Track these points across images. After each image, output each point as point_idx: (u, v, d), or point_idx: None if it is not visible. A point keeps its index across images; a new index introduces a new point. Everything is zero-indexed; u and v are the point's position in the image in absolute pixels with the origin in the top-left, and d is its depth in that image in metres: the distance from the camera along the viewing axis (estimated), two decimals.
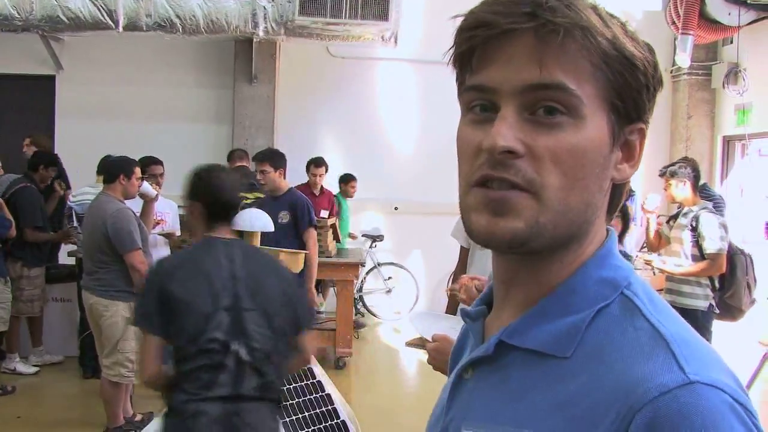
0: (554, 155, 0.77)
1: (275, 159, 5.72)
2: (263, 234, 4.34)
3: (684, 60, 7.83)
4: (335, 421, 2.31)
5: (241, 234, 5.84)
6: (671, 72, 9.28)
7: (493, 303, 0.91)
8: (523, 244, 0.79)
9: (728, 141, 8.96)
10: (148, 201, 5.33)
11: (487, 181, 0.79)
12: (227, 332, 2.59)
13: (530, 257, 0.83)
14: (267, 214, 2.66)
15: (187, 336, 2.57)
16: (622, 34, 0.80)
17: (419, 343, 2.35)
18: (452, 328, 2.46)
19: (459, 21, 0.82)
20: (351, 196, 8.62)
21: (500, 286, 0.89)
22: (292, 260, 2.50)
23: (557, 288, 0.83)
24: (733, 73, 8.49)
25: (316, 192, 7.73)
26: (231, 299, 2.63)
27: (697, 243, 4.98)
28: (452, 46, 0.83)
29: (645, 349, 0.74)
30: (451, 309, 3.89)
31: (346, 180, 8.60)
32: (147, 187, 5.23)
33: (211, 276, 2.63)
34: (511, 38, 0.77)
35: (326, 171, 7.80)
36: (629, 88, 0.80)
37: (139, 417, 5.19)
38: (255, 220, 2.62)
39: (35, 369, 6.50)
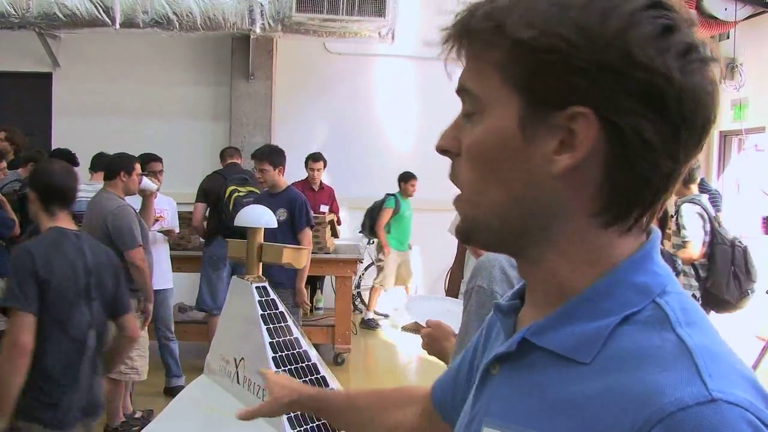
0: (466, 152, 0.82)
1: (274, 157, 5.71)
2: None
3: None
4: None
5: (244, 229, 5.90)
6: None
7: (525, 299, 0.91)
8: (467, 239, 0.85)
9: (725, 136, 8.98)
10: (147, 196, 5.34)
11: None
12: (88, 320, 2.97)
13: (518, 255, 0.86)
14: (270, 211, 2.66)
15: (57, 324, 2.86)
16: (526, 15, 0.75)
17: (414, 328, 2.37)
18: (448, 310, 2.48)
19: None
20: (411, 195, 8.58)
21: (527, 283, 0.90)
22: (295, 256, 2.49)
23: (585, 290, 0.79)
24: (730, 69, 8.50)
25: (315, 187, 7.73)
26: (85, 289, 2.98)
27: (679, 232, 5.17)
28: None
29: (667, 359, 0.71)
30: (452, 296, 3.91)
31: (406, 178, 8.51)
32: (147, 182, 5.24)
33: (75, 266, 2.94)
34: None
35: (324, 166, 7.80)
36: (529, 71, 0.75)
37: (138, 414, 5.20)
38: (259, 217, 2.61)
39: None
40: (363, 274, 9.17)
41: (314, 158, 7.72)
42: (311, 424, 2.28)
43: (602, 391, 0.72)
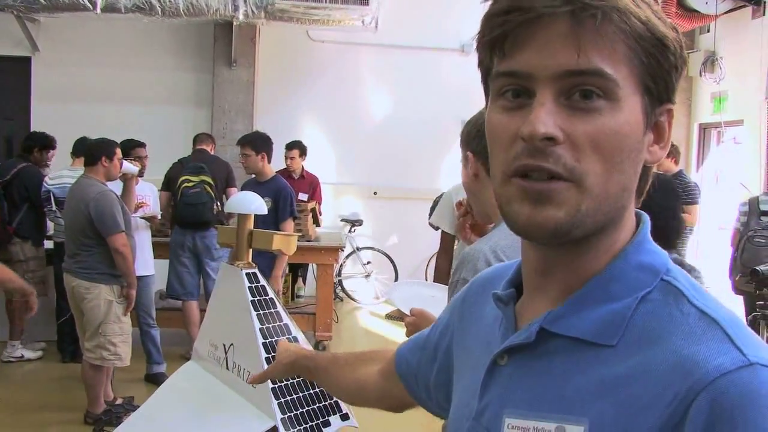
0: (594, 141, 0.76)
1: (257, 143, 5.70)
2: None
3: None
4: (328, 401, 2.34)
5: (190, 219, 5.90)
6: None
7: (524, 290, 0.91)
8: (566, 234, 0.79)
9: (704, 128, 9.07)
10: (129, 179, 5.31)
11: (527, 171, 0.78)
12: None
13: (569, 244, 0.82)
14: (260, 197, 2.66)
15: None
16: (653, 14, 0.79)
17: (398, 316, 2.37)
18: (432, 296, 2.48)
19: (487, 5, 0.80)
20: None
21: (533, 274, 0.89)
22: (285, 242, 2.50)
23: (597, 275, 0.82)
24: (710, 62, 8.58)
25: (295, 176, 7.70)
26: None
27: None
28: (480, 31, 0.81)
29: (697, 331, 0.74)
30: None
31: None
32: (128, 165, 5.22)
33: None
34: (547, 22, 0.76)
35: (301, 154, 7.72)
36: (661, 70, 0.80)
37: (119, 400, 5.18)
38: (249, 203, 2.60)
39: (41, 353, 6.48)
40: (344, 262, 9.19)
41: (288, 146, 7.67)
42: (300, 410, 2.30)
43: (635, 369, 0.75)
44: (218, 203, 6.13)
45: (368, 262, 9.27)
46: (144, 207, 5.82)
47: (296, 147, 7.67)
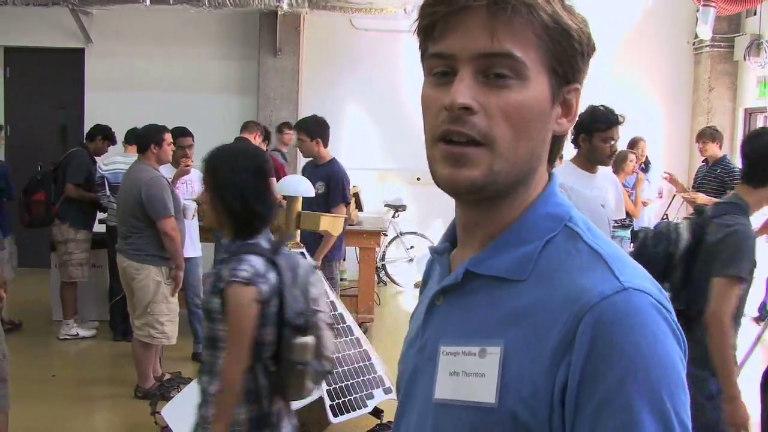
0: (504, 111, 0.92)
1: (311, 128, 5.67)
2: None
3: (705, 32, 7.80)
4: (371, 375, 2.47)
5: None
6: (693, 44, 9.27)
7: (458, 242, 1.08)
8: (480, 190, 0.95)
9: (750, 113, 8.95)
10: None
11: (448, 135, 0.93)
12: None
13: (485, 202, 0.98)
14: (308, 180, 2.77)
15: None
16: (561, 8, 0.95)
17: None
18: None
19: None
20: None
21: (461, 228, 1.06)
22: (332, 224, 2.62)
23: (512, 224, 0.99)
24: (756, 45, 8.47)
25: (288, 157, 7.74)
26: None
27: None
28: (416, 19, 0.98)
29: (585, 265, 0.92)
30: None
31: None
32: (189, 206, 5.56)
33: None
34: (468, 13, 0.92)
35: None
36: (566, 54, 0.95)
37: (167, 376, 5.37)
38: (297, 185, 2.73)
39: (94, 331, 6.72)
40: (388, 246, 9.29)
41: (288, 126, 7.81)
42: (346, 383, 2.42)
43: (539, 299, 0.92)
44: None
45: (411, 247, 9.36)
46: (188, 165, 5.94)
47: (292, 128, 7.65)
